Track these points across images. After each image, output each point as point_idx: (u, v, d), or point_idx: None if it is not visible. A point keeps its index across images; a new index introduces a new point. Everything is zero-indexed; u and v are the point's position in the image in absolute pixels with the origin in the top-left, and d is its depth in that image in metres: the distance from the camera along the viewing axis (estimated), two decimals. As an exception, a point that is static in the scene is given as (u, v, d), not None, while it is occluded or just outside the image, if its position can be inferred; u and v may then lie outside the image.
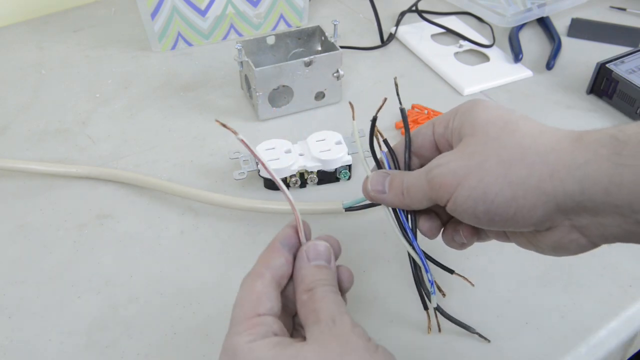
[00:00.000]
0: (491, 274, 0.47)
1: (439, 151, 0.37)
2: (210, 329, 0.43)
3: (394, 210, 0.38)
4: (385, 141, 0.40)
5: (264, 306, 0.31)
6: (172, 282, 0.46)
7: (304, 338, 0.31)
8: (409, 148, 0.38)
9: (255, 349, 0.29)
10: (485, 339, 0.41)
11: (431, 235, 0.39)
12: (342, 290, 0.35)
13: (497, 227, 0.33)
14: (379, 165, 0.40)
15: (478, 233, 0.38)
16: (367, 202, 0.50)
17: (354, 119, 0.39)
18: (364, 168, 0.40)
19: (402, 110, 0.40)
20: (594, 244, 0.33)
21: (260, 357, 0.29)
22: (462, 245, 0.39)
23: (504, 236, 0.38)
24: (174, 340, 0.42)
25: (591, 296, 0.45)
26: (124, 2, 0.84)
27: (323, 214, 0.51)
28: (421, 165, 0.38)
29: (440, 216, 0.39)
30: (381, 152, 0.39)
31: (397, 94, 0.39)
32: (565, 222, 0.32)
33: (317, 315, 0.31)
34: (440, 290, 0.43)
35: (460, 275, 0.42)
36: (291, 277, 0.34)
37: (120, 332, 0.43)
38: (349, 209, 0.49)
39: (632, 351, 0.47)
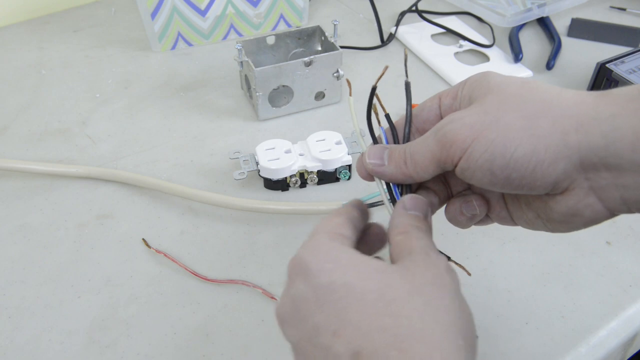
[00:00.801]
0: (491, 274, 0.47)
1: None
2: (210, 329, 0.43)
3: (389, 189, 0.36)
4: (387, 116, 0.37)
5: (346, 231, 0.31)
6: (172, 282, 0.46)
7: None
8: (409, 121, 0.36)
9: (339, 249, 0.29)
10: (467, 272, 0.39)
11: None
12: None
13: (511, 188, 0.31)
14: (375, 141, 0.37)
15: (488, 202, 0.37)
16: (367, 202, 0.50)
17: (350, 95, 0.37)
18: (360, 145, 0.37)
19: (407, 84, 0.37)
20: (610, 212, 0.31)
21: (341, 258, 0.29)
22: (470, 220, 0.37)
23: (509, 219, 0.36)
24: (174, 340, 0.42)
25: (591, 296, 0.45)
26: (124, 2, 0.84)
27: (323, 214, 0.51)
28: None
29: (438, 193, 0.37)
30: (380, 129, 0.37)
31: (405, 65, 0.38)
32: (583, 183, 0.30)
33: (411, 248, 0.30)
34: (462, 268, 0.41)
35: (457, 264, 0.40)
36: (361, 240, 0.34)
37: (120, 332, 0.43)
38: (349, 209, 0.49)
39: (632, 351, 0.47)
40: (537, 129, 0.29)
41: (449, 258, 0.37)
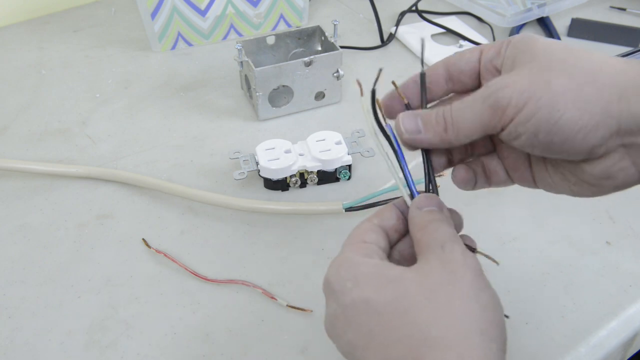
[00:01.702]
0: (491, 274, 0.47)
1: (478, 80, 0.35)
2: (210, 329, 0.43)
3: (396, 156, 0.35)
4: (408, 105, 0.36)
5: (369, 237, 0.33)
6: (172, 282, 0.46)
7: None
8: (424, 91, 0.35)
9: (360, 263, 0.31)
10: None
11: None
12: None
13: (549, 152, 0.32)
14: (389, 140, 0.36)
15: (492, 180, 0.37)
16: (367, 202, 0.50)
17: (362, 95, 0.36)
18: (376, 145, 0.36)
19: (422, 75, 0.36)
20: None
21: (359, 275, 0.30)
22: (477, 185, 0.37)
23: (531, 179, 0.36)
24: (174, 340, 0.42)
25: (591, 296, 0.45)
26: (124, 2, 0.84)
27: (323, 214, 0.51)
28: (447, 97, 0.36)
29: (457, 155, 0.37)
30: (386, 126, 0.36)
31: (422, 55, 0.37)
32: (619, 148, 0.31)
33: (427, 244, 0.31)
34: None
35: (483, 254, 0.38)
36: (402, 236, 0.35)
37: (120, 332, 0.43)
38: (349, 209, 0.49)
39: (632, 351, 0.47)
40: (583, 96, 0.30)
41: (474, 250, 0.36)
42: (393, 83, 0.36)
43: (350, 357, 0.31)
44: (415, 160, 0.41)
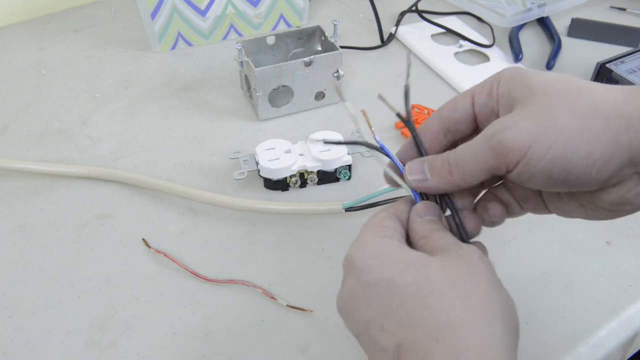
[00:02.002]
0: (491, 274, 0.47)
1: (476, 125, 0.35)
2: (210, 329, 0.43)
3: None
4: (404, 118, 0.36)
5: (388, 222, 0.33)
6: (172, 282, 0.46)
7: None
8: (415, 135, 0.36)
9: (383, 243, 0.31)
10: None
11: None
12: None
13: (565, 188, 0.31)
14: (418, 147, 0.36)
15: (508, 211, 0.37)
16: (367, 202, 0.50)
17: (344, 100, 0.37)
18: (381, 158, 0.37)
19: (406, 87, 0.37)
20: None
21: (384, 254, 0.30)
22: (491, 224, 0.37)
23: (544, 207, 0.36)
24: (174, 340, 0.42)
25: (591, 296, 0.45)
26: (124, 2, 0.84)
27: (323, 214, 0.51)
28: (452, 147, 0.35)
29: (471, 191, 0.37)
30: (376, 140, 0.36)
31: (408, 70, 0.37)
32: (633, 175, 0.31)
33: (441, 247, 0.31)
34: None
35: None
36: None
37: (120, 332, 0.43)
38: (349, 209, 0.49)
39: (632, 351, 0.47)
40: (591, 130, 0.30)
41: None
42: (408, 90, 0.37)
43: (362, 336, 0.31)
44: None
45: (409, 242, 0.34)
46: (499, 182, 0.37)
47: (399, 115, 0.36)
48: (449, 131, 0.36)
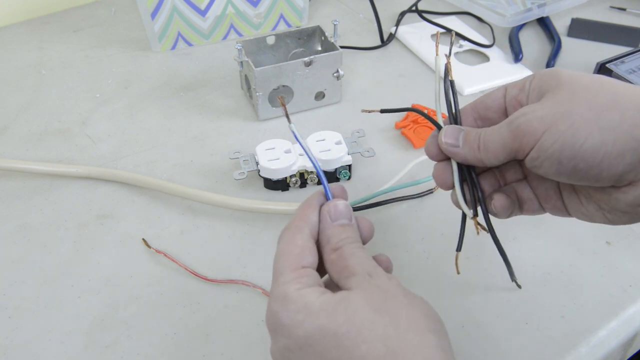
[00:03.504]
0: (491, 274, 0.47)
1: (505, 115, 0.37)
2: (210, 329, 0.43)
3: (459, 168, 0.37)
4: (452, 82, 0.39)
5: (307, 259, 0.33)
6: (172, 282, 0.46)
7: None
8: (457, 111, 0.38)
9: (305, 294, 0.30)
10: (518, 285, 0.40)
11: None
12: (363, 241, 0.35)
13: (577, 179, 0.32)
14: (452, 119, 0.38)
15: (524, 208, 0.38)
16: (367, 202, 0.50)
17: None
18: (437, 108, 0.39)
19: (451, 82, 0.39)
20: None
21: (310, 302, 0.30)
22: (512, 213, 0.38)
23: (564, 209, 0.37)
24: (174, 340, 0.42)
25: (591, 296, 0.45)
26: (124, 2, 0.84)
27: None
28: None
29: (491, 181, 0.39)
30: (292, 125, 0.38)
31: (450, 50, 0.40)
32: None
33: (351, 270, 0.32)
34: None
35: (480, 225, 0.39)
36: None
37: (120, 332, 0.43)
38: (349, 209, 0.49)
39: (632, 351, 0.47)
40: (607, 121, 0.30)
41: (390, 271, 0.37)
42: (452, 83, 0.39)
43: None
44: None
45: (318, 246, 0.34)
46: (521, 179, 0.38)
47: (451, 82, 0.39)
48: (480, 117, 0.38)
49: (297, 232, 0.33)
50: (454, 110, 0.38)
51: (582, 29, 0.77)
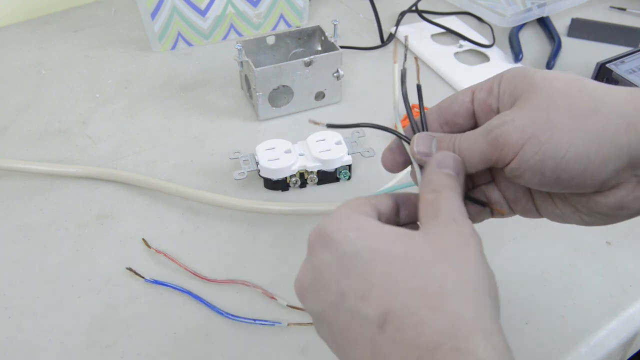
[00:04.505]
0: (491, 274, 0.47)
1: (474, 120, 0.35)
2: (210, 329, 0.43)
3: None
4: (419, 87, 0.37)
5: (365, 208, 0.31)
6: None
7: None
8: (424, 119, 0.36)
9: (361, 219, 0.29)
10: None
11: None
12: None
13: (559, 188, 0.31)
14: (413, 123, 0.36)
15: (483, 212, 0.36)
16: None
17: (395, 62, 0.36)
18: (396, 118, 0.36)
19: (418, 87, 0.37)
20: None
21: (365, 227, 0.28)
22: (481, 217, 0.36)
23: (534, 211, 0.35)
24: (174, 340, 0.42)
25: (591, 296, 0.45)
26: (124, 2, 0.84)
27: (323, 214, 0.51)
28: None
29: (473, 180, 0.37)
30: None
31: (404, 55, 0.37)
32: (632, 178, 0.30)
33: (438, 212, 0.29)
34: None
35: (497, 209, 0.38)
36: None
37: (120, 332, 0.43)
38: (349, 209, 0.49)
39: (632, 351, 0.47)
40: (589, 129, 0.29)
41: (491, 209, 0.36)
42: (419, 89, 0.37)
43: (333, 310, 0.28)
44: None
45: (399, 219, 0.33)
46: (489, 181, 0.36)
47: (418, 86, 0.36)
48: (447, 123, 0.36)
49: (360, 197, 0.32)
50: (420, 117, 0.36)
51: (582, 29, 0.77)
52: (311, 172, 0.53)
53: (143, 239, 0.49)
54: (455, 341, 0.25)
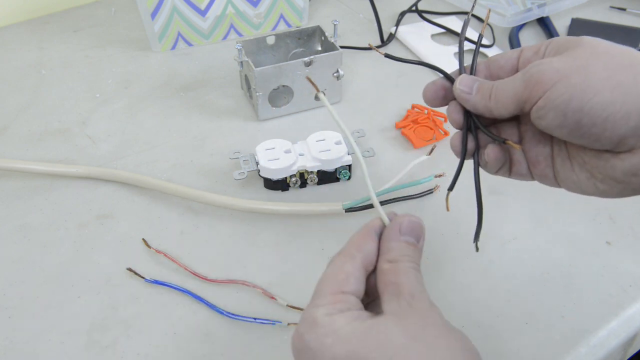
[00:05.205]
0: (491, 274, 0.47)
1: None
2: (210, 329, 0.43)
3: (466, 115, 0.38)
4: (480, 36, 0.41)
5: (350, 286, 0.31)
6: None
7: (377, 313, 0.31)
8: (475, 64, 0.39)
9: (336, 320, 0.29)
10: (477, 248, 0.39)
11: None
12: (494, 169, 0.36)
13: (577, 136, 0.32)
14: (461, 66, 0.40)
15: (513, 170, 0.38)
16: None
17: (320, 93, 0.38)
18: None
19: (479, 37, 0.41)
20: None
21: (340, 327, 0.29)
22: (501, 170, 0.38)
23: (552, 176, 0.37)
24: (174, 340, 0.42)
25: (591, 296, 0.45)
26: (124, 2, 0.84)
27: (323, 214, 0.51)
28: None
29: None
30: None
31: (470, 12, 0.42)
32: None
33: (397, 288, 0.31)
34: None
35: (509, 142, 0.38)
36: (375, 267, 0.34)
37: (120, 332, 0.43)
38: (349, 209, 0.49)
39: (632, 351, 0.47)
40: (619, 80, 0.31)
41: (504, 141, 0.36)
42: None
43: None
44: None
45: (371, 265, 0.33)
46: (517, 141, 0.38)
47: (480, 36, 0.41)
48: (491, 75, 0.38)
49: (349, 259, 0.32)
50: (472, 62, 0.39)
51: (582, 29, 0.77)
52: (311, 172, 0.53)
53: (143, 239, 0.49)
54: None
